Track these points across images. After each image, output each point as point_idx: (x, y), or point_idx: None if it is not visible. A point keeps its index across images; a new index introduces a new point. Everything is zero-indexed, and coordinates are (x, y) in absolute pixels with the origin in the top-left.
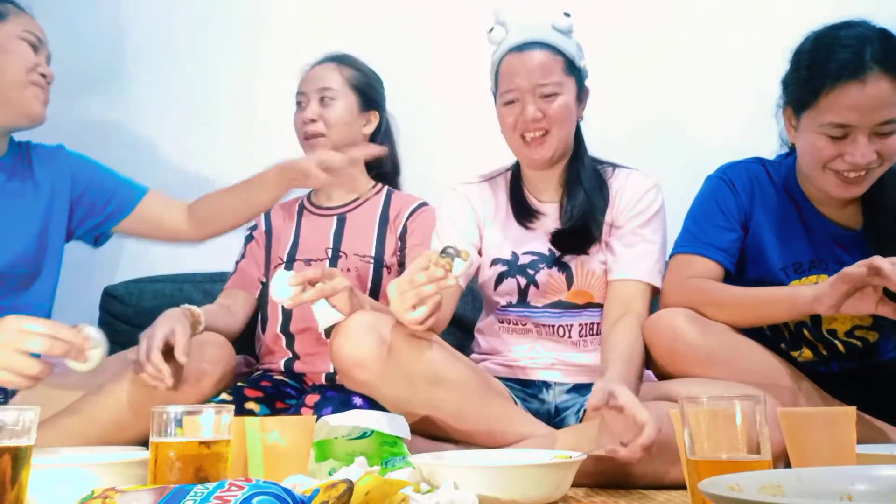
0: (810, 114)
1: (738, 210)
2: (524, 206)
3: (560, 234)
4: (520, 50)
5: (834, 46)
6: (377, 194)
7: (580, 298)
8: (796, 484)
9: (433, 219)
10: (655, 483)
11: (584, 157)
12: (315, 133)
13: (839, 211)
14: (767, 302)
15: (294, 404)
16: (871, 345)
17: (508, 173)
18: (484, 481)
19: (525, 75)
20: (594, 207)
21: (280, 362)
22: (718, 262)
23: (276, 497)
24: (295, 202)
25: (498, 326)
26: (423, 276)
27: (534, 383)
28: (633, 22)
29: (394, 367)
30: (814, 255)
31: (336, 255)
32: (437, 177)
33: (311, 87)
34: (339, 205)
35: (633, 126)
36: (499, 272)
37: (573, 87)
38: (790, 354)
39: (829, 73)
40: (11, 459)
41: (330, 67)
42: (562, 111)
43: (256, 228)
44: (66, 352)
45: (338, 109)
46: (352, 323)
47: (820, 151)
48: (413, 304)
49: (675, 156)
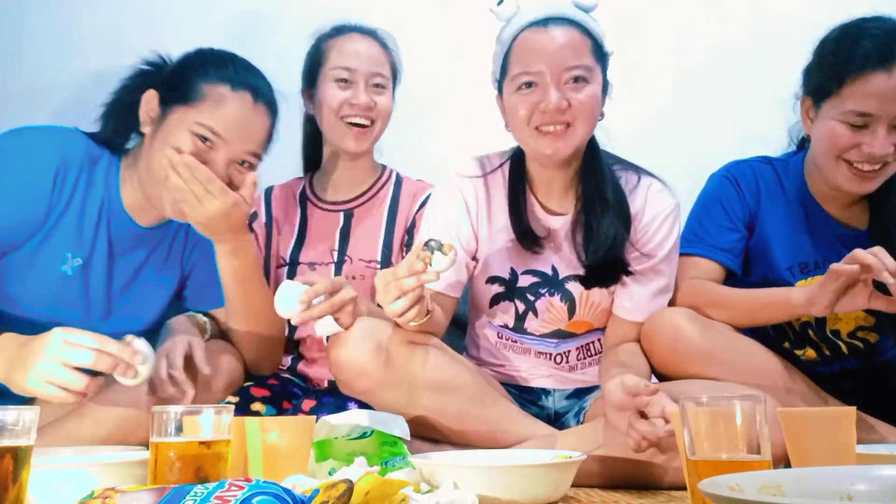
0: (832, 101)
1: (742, 210)
2: (527, 231)
3: (588, 268)
4: (543, 25)
5: (862, 36)
6: (386, 183)
7: (580, 328)
8: (796, 484)
9: None
10: (655, 483)
11: (601, 161)
12: (366, 121)
13: (845, 211)
14: (762, 305)
15: (299, 405)
16: (871, 345)
17: (507, 167)
18: (484, 481)
19: (550, 55)
20: (621, 230)
21: (286, 361)
22: (721, 264)
23: (276, 497)
24: (296, 185)
25: (495, 341)
26: (404, 269)
27: (533, 390)
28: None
29: (393, 374)
30: (819, 256)
31: (342, 259)
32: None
33: (361, 67)
34: (346, 199)
35: (633, 126)
36: (495, 292)
37: (600, 76)
38: (793, 354)
39: (856, 60)
40: (11, 459)
41: (375, 47)
42: (590, 102)
43: (256, 218)
44: (113, 366)
45: (388, 99)
46: (350, 332)
47: (838, 139)
48: (396, 296)
49: (676, 155)
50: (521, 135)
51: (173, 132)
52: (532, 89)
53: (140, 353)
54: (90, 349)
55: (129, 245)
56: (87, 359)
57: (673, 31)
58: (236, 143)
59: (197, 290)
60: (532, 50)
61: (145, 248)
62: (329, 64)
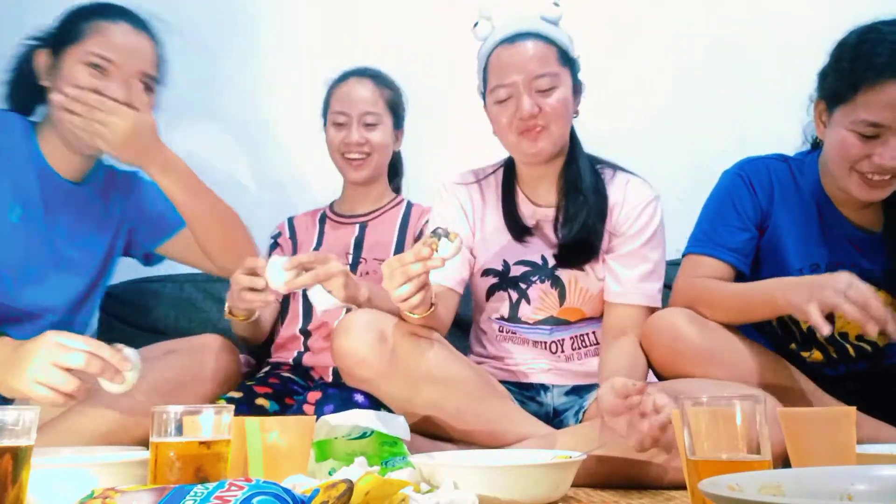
0: (844, 109)
1: (753, 209)
2: (517, 221)
3: (560, 246)
4: (511, 42)
5: (880, 42)
6: (398, 205)
7: (572, 315)
8: (796, 484)
9: None
10: (655, 483)
11: (581, 156)
12: (361, 155)
13: (860, 212)
14: (749, 304)
15: (302, 401)
16: (879, 348)
17: (500, 173)
18: (484, 481)
19: (519, 67)
20: (595, 215)
21: (292, 354)
22: (729, 263)
23: (276, 497)
24: (317, 212)
25: (496, 335)
26: (410, 255)
27: (532, 386)
28: (633, 21)
29: (395, 365)
30: (831, 258)
31: (357, 260)
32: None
33: (353, 108)
34: (361, 213)
35: (633, 126)
36: (490, 284)
37: (569, 79)
38: (799, 355)
39: (872, 68)
40: (11, 459)
41: (369, 87)
42: (559, 106)
43: (281, 235)
44: (102, 370)
45: (381, 133)
46: (353, 321)
47: (849, 150)
48: (401, 281)
49: (676, 155)
50: (506, 140)
51: (69, 73)
52: (509, 99)
53: (129, 361)
54: (82, 351)
55: (62, 200)
56: (80, 360)
57: (673, 31)
58: (128, 64)
59: (149, 226)
60: (504, 64)
61: (78, 203)
62: (330, 109)
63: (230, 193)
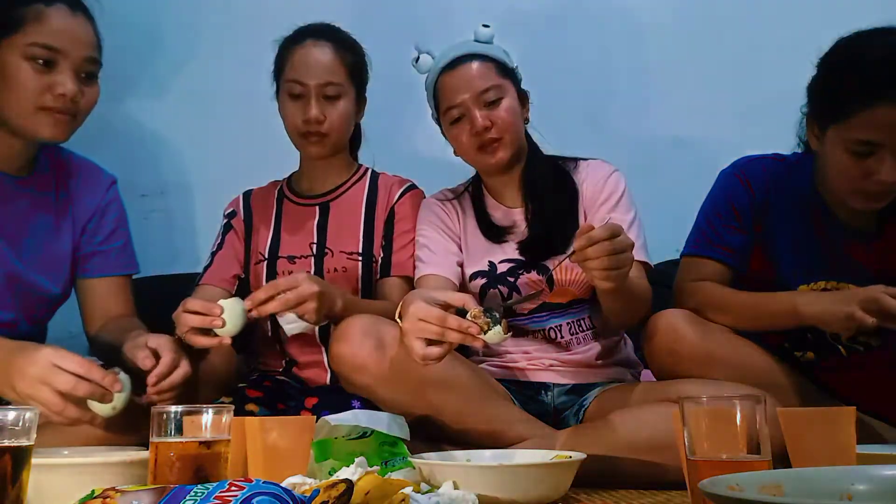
0: (837, 128)
1: (751, 209)
2: (490, 225)
3: (528, 242)
4: (452, 67)
5: (867, 59)
6: (361, 179)
7: (563, 297)
8: (796, 484)
9: (420, 201)
10: (655, 483)
11: (538, 157)
12: (319, 133)
13: (855, 215)
14: (768, 313)
15: (294, 406)
16: (873, 348)
17: (471, 187)
18: (484, 481)
19: (465, 86)
20: (558, 208)
21: (280, 365)
22: (728, 265)
23: (276, 497)
24: (274, 187)
25: None
26: (453, 322)
27: (533, 385)
28: (632, 20)
29: (393, 371)
30: (826, 259)
31: (322, 251)
32: (423, 154)
33: (311, 78)
34: (320, 193)
35: (633, 125)
36: (481, 285)
37: (512, 88)
38: (793, 354)
39: (863, 90)
40: (11, 459)
41: (329, 52)
42: (508, 115)
43: (235, 215)
44: (90, 393)
45: (343, 106)
46: (351, 327)
47: (847, 171)
48: (430, 339)
49: (676, 155)
50: (468, 157)
51: (9, 65)
52: (462, 118)
53: (120, 383)
54: (73, 375)
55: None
56: (68, 385)
57: (674, 31)
58: (73, 51)
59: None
60: (451, 87)
61: (26, 198)
62: (284, 76)
63: None
